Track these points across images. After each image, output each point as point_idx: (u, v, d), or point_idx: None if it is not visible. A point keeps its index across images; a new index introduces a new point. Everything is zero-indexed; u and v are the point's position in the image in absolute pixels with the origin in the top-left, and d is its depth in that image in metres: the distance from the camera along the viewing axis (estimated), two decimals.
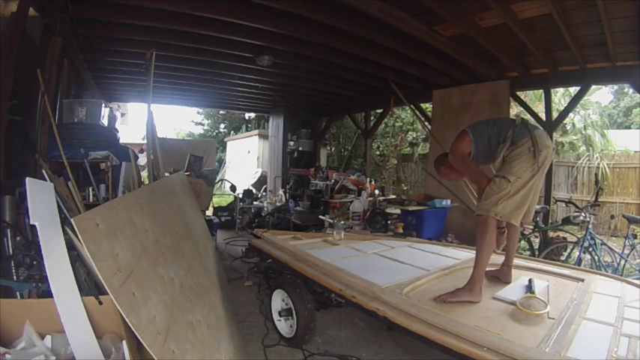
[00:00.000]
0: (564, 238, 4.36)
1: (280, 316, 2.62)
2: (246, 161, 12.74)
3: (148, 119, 3.84)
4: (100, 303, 1.47)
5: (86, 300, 1.46)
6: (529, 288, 2.20)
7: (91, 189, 3.65)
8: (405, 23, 3.54)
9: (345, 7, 3.27)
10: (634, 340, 1.62)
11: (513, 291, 2.23)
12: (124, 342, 1.44)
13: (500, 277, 2.47)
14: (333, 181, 7.43)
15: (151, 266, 1.72)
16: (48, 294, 1.46)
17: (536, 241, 4.74)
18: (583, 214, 3.89)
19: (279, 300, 2.67)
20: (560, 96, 8.71)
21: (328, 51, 4.46)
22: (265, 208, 7.32)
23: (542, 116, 5.06)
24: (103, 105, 4.61)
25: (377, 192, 6.74)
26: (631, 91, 10.91)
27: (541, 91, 6.01)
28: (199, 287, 2.23)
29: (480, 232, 2.19)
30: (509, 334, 1.62)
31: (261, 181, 10.14)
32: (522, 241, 4.65)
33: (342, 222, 5.17)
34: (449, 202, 4.92)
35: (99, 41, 4.33)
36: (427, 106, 7.09)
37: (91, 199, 3.62)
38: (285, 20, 3.68)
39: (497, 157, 2.27)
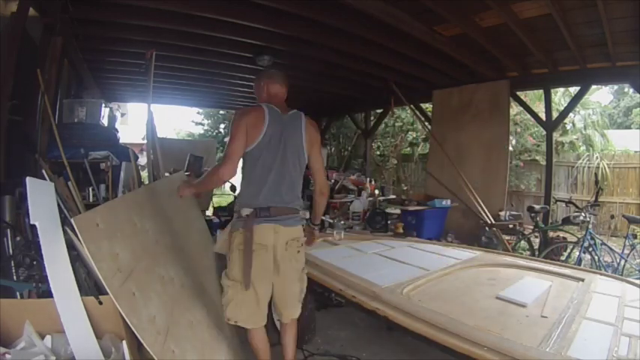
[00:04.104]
0: (564, 238, 4.36)
1: None
2: None
3: (148, 119, 3.84)
4: (100, 303, 1.47)
5: (86, 300, 1.46)
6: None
7: (91, 189, 3.64)
8: (405, 23, 3.54)
9: (345, 7, 3.27)
10: (634, 340, 1.62)
11: (516, 291, 2.23)
12: (124, 342, 1.44)
13: None
14: (333, 181, 7.42)
15: (152, 266, 1.72)
16: (48, 294, 1.45)
17: (536, 241, 4.74)
18: (583, 214, 3.88)
19: None
20: (560, 96, 8.71)
21: (328, 51, 4.46)
22: None
23: (542, 116, 5.07)
24: (103, 105, 4.62)
25: (377, 192, 6.74)
26: (631, 91, 10.91)
27: (541, 91, 6.02)
28: (199, 287, 2.24)
29: None
30: (509, 334, 1.62)
31: None
32: (522, 241, 4.65)
33: (342, 222, 5.17)
34: (449, 202, 4.92)
35: (99, 41, 4.34)
36: (427, 106, 7.09)
37: (91, 199, 3.61)
38: (285, 20, 3.68)
39: None
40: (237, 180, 8.84)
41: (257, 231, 1.76)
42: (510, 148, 6.33)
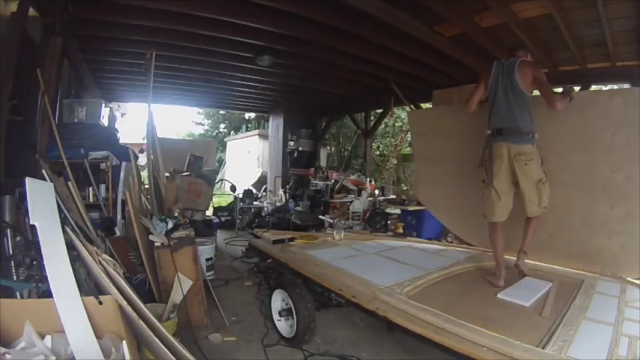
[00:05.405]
0: None
1: (280, 316, 2.62)
2: (246, 161, 12.74)
3: (148, 119, 3.84)
4: (100, 303, 1.47)
5: (86, 300, 1.46)
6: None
7: (91, 189, 3.65)
8: (405, 23, 3.54)
9: (345, 7, 3.27)
10: (634, 340, 1.62)
11: (516, 291, 2.23)
12: (124, 342, 1.44)
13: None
14: (333, 181, 7.43)
15: None
16: (48, 294, 1.46)
17: None
18: None
19: (279, 300, 2.67)
20: None
21: (328, 51, 4.46)
22: (265, 208, 7.31)
23: None
24: (103, 105, 4.61)
25: (377, 192, 6.75)
26: None
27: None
28: None
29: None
30: (509, 334, 1.62)
31: (261, 181, 10.14)
32: None
33: (342, 222, 5.17)
34: None
35: (99, 41, 4.33)
36: (427, 106, 7.09)
37: (90, 199, 3.62)
38: (285, 20, 3.68)
39: None
40: (236, 180, 8.77)
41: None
42: None
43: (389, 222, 5.27)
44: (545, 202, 2.51)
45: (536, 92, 2.61)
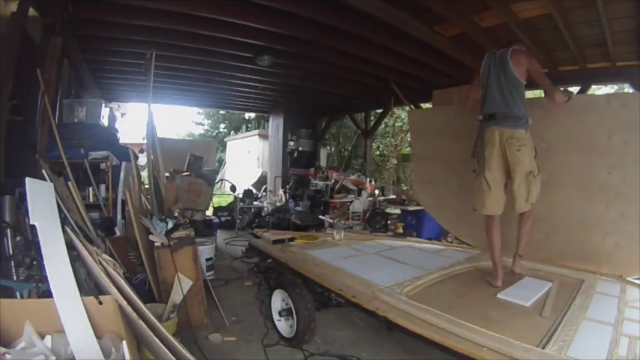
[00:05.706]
0: None
1: (280, 316, 2.62)
2: (246, 161, 12.74)
3: (148, 119, 3.84)
4: (100, 303, 1.47)
5: (86, 300, 1.46)
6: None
7: (91, 189, 3.65)
8: (405, 23, 3.54)
9: (345, 7, 3.27)
10: (634, 340, 1.62)
11: (516, 291, 2.23)
12: (124, 342, 1.44)
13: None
14: (333, 181, 7.43)
15: None
16: (48, 294, 1.46)
17: None
18: None
19: (279, 300, 2.67)
20: None
21: (328, 51, 4.46)
22: (265, 208, 7.31)
23: None
24: (103, 105, 4.61)
25: (377, 192, 6.75)
26: (631, 91, 10.90)
27: (541, 90, 6.01)
28: None
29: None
30: (509, 334, 1.62)
31: (261, 181, 10.14)
32: None
33: (342, 222, 5.17)
34: None
35: (99, 41, 4.33)
36: (427, 106, 7.09)
37: (90, 199, 3.62)
38: (285, 20, 3.68)
39: None
40: (236, 180, 8.76)
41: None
42: None
43: (389, 222, 5.27)
44: (533, 198, 2.43)
45: (535, 94, 2.61)
